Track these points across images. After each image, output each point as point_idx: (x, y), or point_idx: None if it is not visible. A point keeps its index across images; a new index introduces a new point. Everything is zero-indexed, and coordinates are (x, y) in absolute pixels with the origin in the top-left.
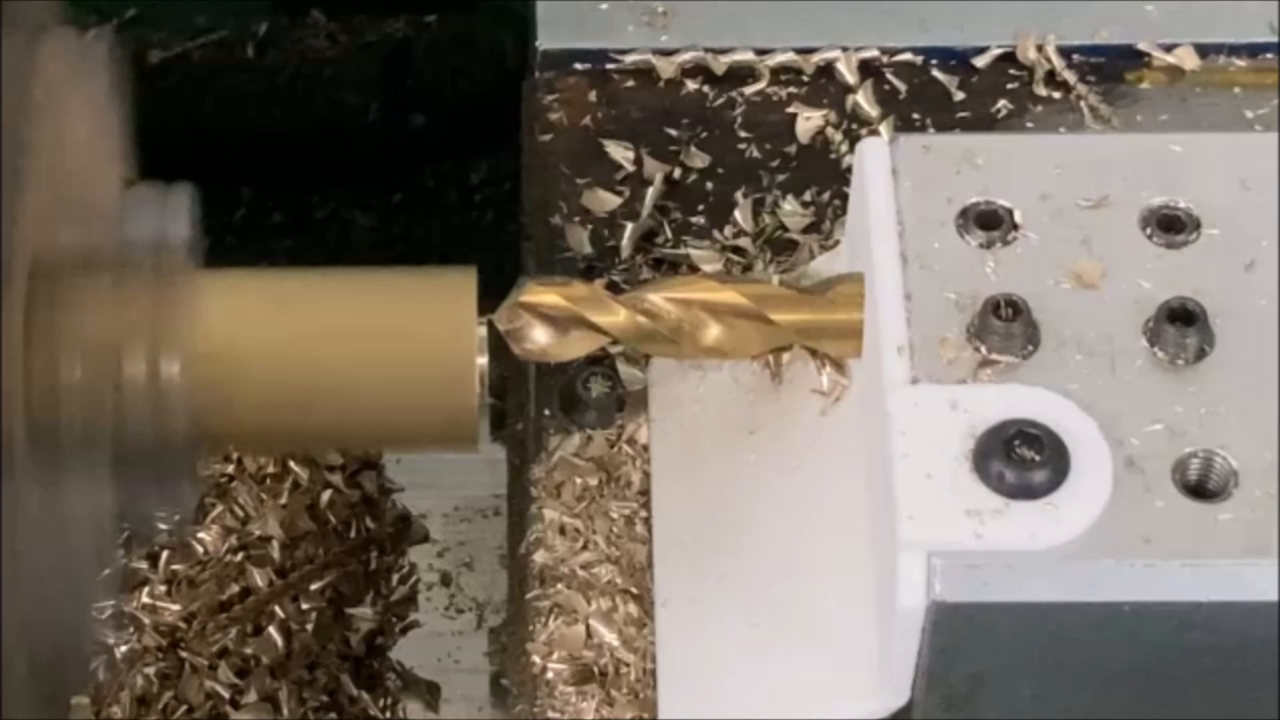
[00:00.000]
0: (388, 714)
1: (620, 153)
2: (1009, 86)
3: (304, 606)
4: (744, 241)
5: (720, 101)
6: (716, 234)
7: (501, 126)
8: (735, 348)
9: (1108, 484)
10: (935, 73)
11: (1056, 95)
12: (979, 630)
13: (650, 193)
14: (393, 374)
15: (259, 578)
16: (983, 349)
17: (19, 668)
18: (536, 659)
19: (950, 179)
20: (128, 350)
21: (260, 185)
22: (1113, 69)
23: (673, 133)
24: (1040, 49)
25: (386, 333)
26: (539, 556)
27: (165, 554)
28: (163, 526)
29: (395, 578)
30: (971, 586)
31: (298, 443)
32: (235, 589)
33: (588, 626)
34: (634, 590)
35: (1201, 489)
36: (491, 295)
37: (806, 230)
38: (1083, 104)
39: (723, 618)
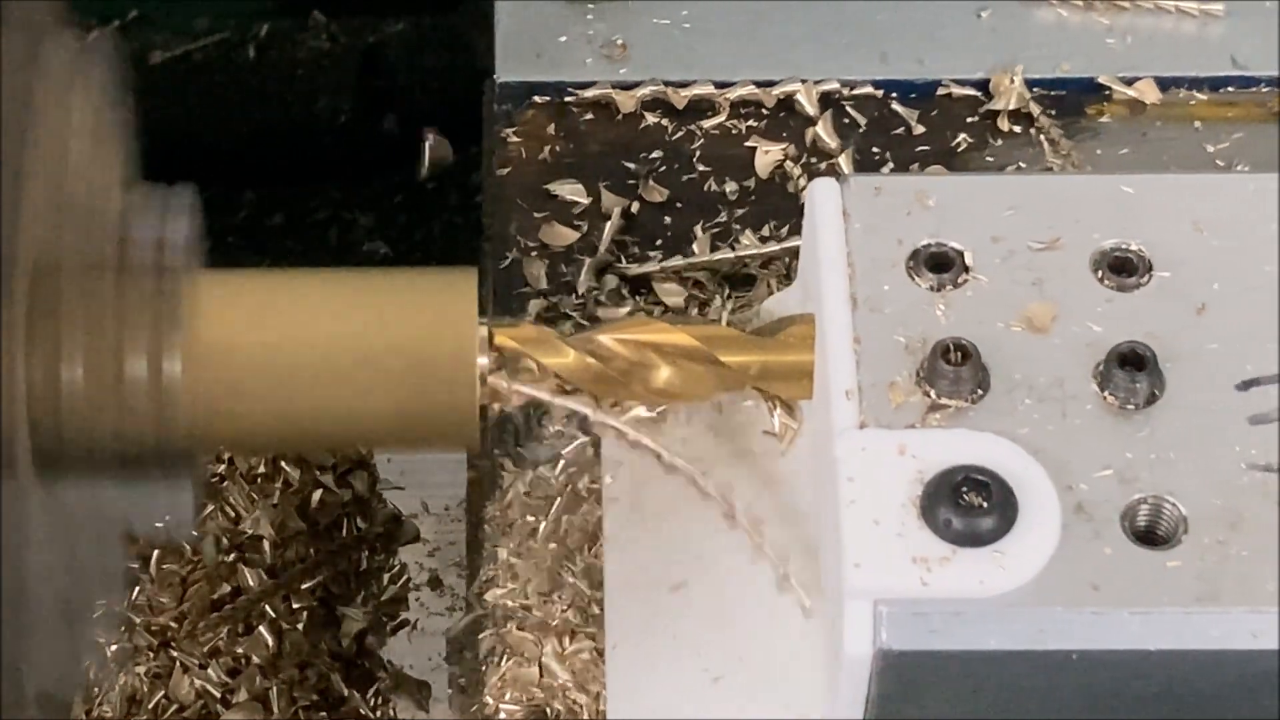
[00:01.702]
0: (378, 713)
1: (571, 190)
2: (969, 120)
3: (295, 606)
4: (702, 275)
5: (679, 135)
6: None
7: None
8: (686, 390)
9: (1056, 531)
10: (895, 106)
11: (1017, 129)
12: (926, 678)
13: (608, 227)
14: (393, 375)
15: (250, 577)
16: (932, 393)
17: (19, 669)
18: (489, 699)
19: (901, 220)
20: (129, 350)
21: (260, 186)
22: (1074, 102)
23: (631, 166)
24: (1012, 81)
25: (387, 333)
26: (491, 596)
27: (156, 553)
28: (161, 527)
29: (386, 577)
30: (918, 634)
31: (298, 443)
32: (226, 588)
33: (540, 667)
34: (587, 631)
35: (1151, 536)
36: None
37: (765, 265)
38: (1043, 138)
39: (673, 661)
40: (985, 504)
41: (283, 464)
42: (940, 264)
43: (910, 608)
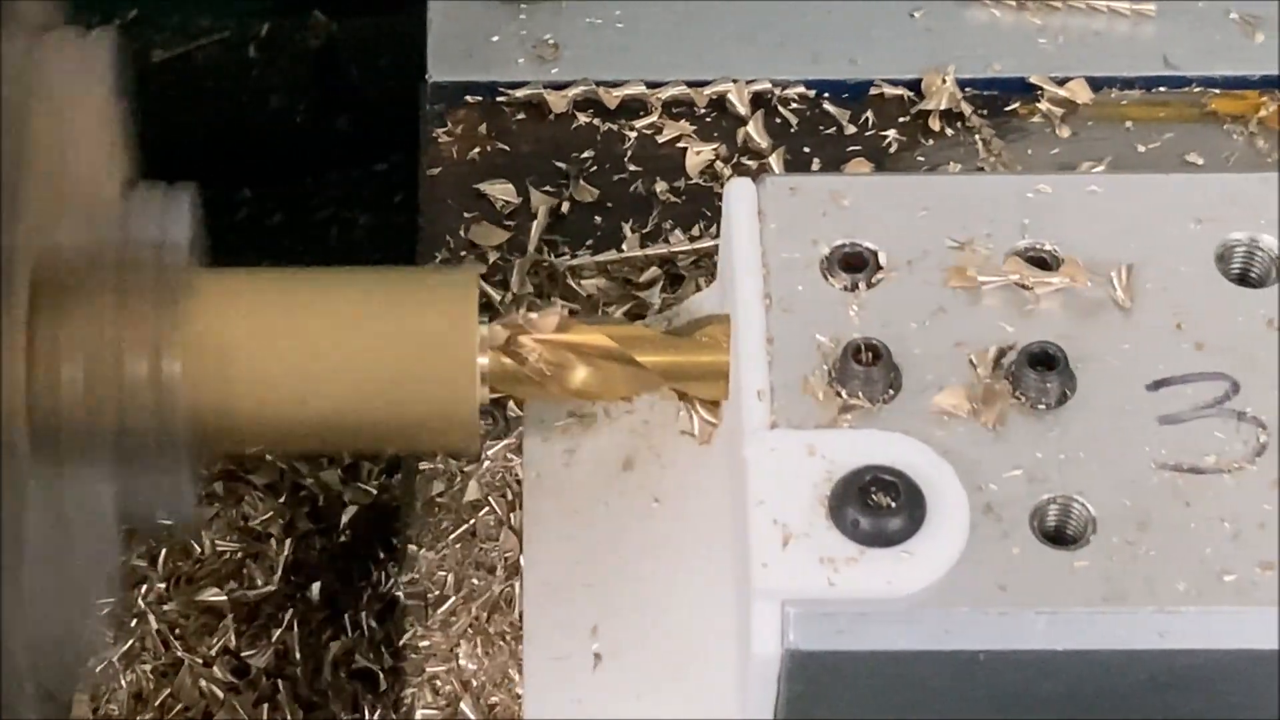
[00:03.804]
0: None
1: (501, 190)
2: (900, 120)
3: (302, 606)
4: (629, 273)
5: (611, 135)
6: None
7: None
8: (603, 390)
9: (964, 531)
10: (827, 105)
11: (949, 129)
12: (835, 678)
13: (535, 226)
14: (393, 374)
15: (258, 577)
16: (843, 393)
17: (20, 666)
18: (408, 699)
19: (817, 220)
20: (129, 350)
21: (259, 184)
22: (1005, 102)
23: (562, 166)
24: (944, 81)
25: (387, 333)
26: (413, 598)
27: (164, 552)
28: (164, 524)
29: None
30: (826, 635)
31: (298, 442)
32: (234, 587)
33: (459, 667)
34: (505, 630)
35: (1060, 535)
36: None
37: (695, 264)
38: (975, 137)
39: (590, 660)
40: (893, 504)
41: (293, 463)
42: (854, 264)
43: (818, 608)
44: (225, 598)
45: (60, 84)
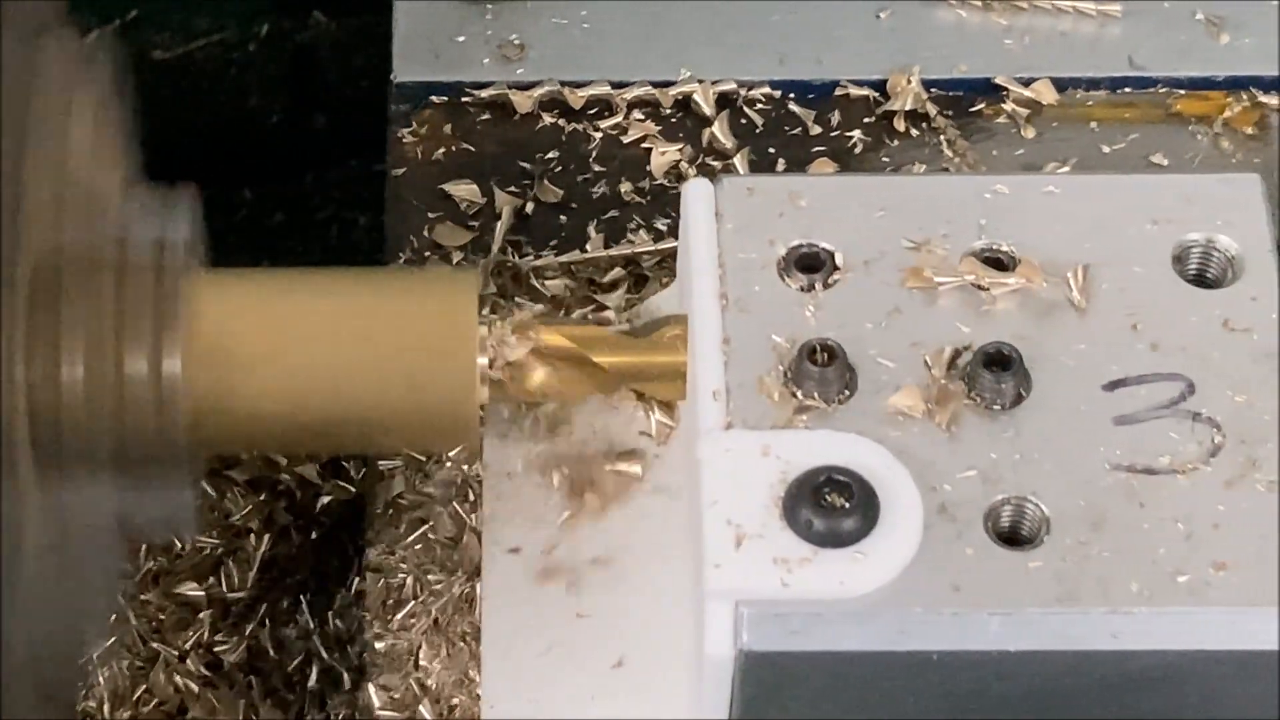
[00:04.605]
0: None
1: (466, 190)
2: (866, 120)
3: (276, 603)
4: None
5: (576, 135)
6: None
7: None
8: (561, 390)
9: (918, 532)
10: (793, 106)
11: (914, 130)
12: (788, 679)
13: (500, 227)
14: (393, 375)
15: (235, 573)
16: (799, 394)
17: (20, 667)
18: (370, 696)
19: (774, 221)
20: (129, 350)
21: (259, 183)
22: (971, 103)
23: (527, 166)
24: (909, 82)
25: (387, 333)
26: (372, 599)
27: (144, 548)
28: (164, 527)
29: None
30: (779, 636)
31: (298, 443)
32: (212, 584)
33: (418, 668)
34: (465, 629)
35: (1014, 536)
36: None
37: (658, 265)
38: (941, 138)
39: (549, 661)
40: (847, 505)
41: (272, 458)
42: (810, 264)
43: (771, 608)
44: (203, 593)
45: (60, 84)
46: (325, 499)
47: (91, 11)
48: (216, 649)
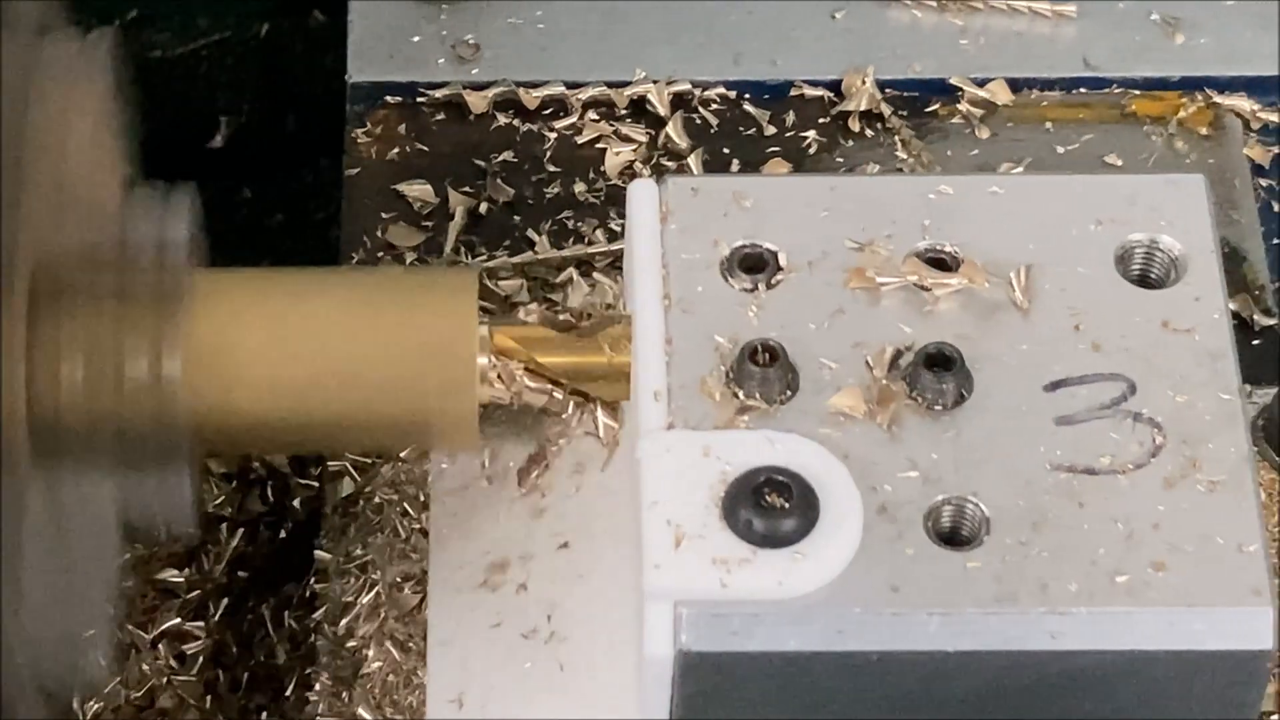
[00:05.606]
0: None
1: (419, 190)
2: (820, 121)
3: (252, 591)
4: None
5: (530, 135)
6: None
7: None
8: (505, 390)
9: (858, 532)
10: (747, 106)
11: (869, 130)
12: (728, 680)
13: (452, 227)
14: (393, 375)
15: (207, 561)
16: (740, 394)
17: (20, 666)
18: (315, 697)
19: (718, 221)
20: (129, 350)
21: (259, 182)
22: (925, 103)
23: (482, 166)
24: (864, 82)
25: (387, 333)
26: (323, 596)
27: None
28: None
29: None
30: (718, 636)
31: (297, 443)
32: (186, 571)
33: (366, 669)
34: (414, 632)
35: (954, 536)
36: None
37: (611, 266)
38: (895, 138)
39: (494, 662)
40: (786, 505)
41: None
42: (754, 265)
43: (710, 609)
44: (182, 579)
45: (60, 84)
46: (298, 493)
47: (91, 11)
48: (185, 643)
